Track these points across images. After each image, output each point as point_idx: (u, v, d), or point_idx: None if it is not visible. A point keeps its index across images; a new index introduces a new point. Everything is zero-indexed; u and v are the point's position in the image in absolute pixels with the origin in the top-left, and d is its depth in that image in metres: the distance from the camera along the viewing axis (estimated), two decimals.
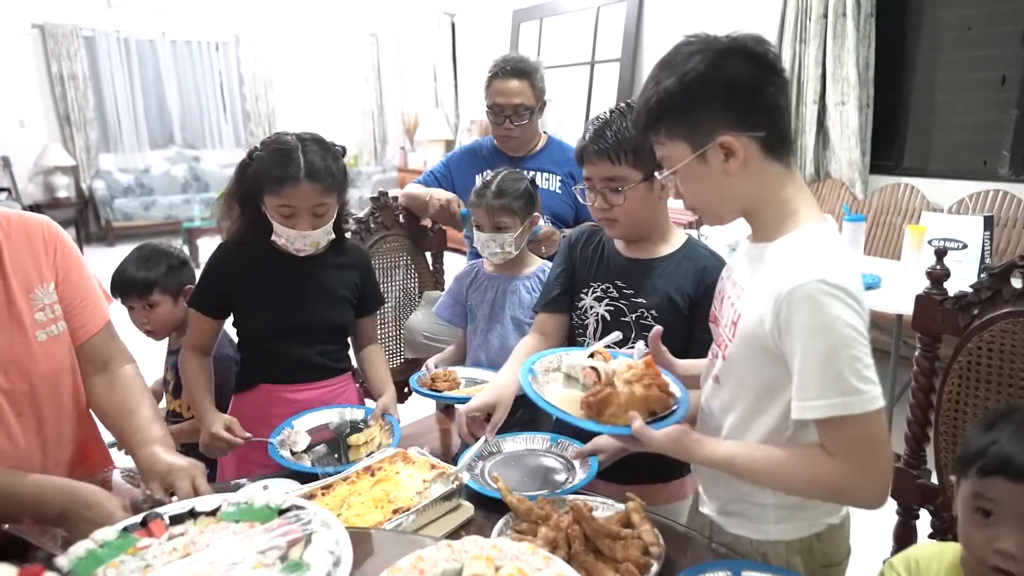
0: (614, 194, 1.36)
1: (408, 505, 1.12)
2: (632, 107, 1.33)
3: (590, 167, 1.38)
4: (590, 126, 1.39)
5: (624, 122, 1.34)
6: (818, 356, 0.89)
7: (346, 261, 1.69)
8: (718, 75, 0.95)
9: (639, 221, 1.41)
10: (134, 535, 0.89)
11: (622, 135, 1.33)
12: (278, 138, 1.55)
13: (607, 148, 1.34)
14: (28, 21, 7.54)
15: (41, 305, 1.18)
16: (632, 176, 1.35)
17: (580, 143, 1.40)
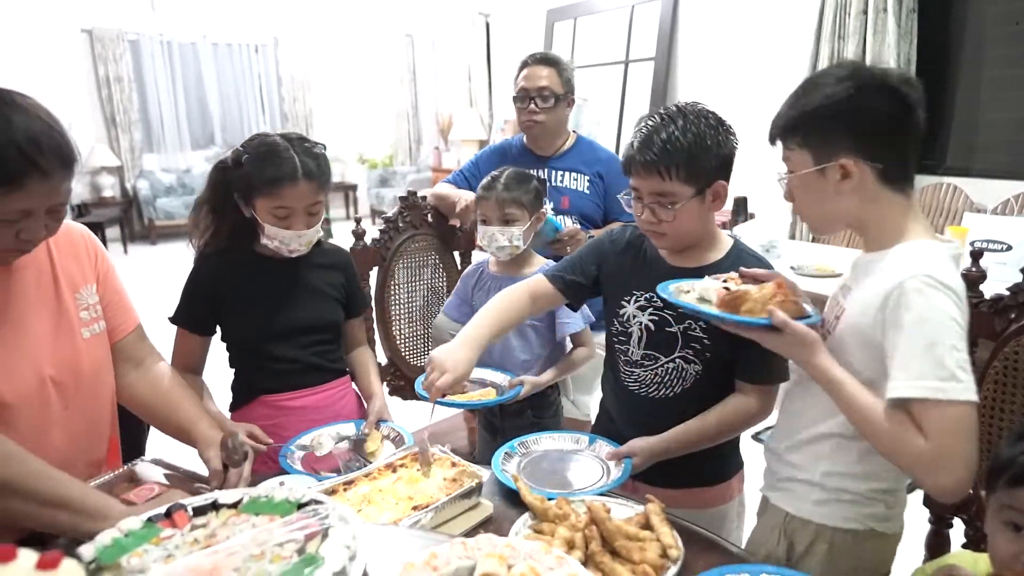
0: (663, 210, 1.29)
1: (427, 502, 1.13)
2: (682, 111, 1.28)
3: (638, 179, 1.31)
4: (637, 132, 1.30)
5: (674, 130, 1.25)
6: (922, 342, 0.95)
7: (328, 262, 1.68)
8: (857, 105, 1.04)
9: (688, 234, 1.34)
10: (158, 525, 0.91)
11: (672, 146, 1.24)
12: (264, 140, 1.52)
13: (655, 161, 1.25)
14: (78, 26, 7.80)
15: (85, 305, 1.25)
16: (683, 192, 1.27)
17: (627, 152, 1.32)
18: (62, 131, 1.07)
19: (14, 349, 1.13)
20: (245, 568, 0.82)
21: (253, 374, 1.63)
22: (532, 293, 1.48)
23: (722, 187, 1.31)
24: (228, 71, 8.98)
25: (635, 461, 1.31)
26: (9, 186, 1.02)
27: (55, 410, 1.19)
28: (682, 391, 1.38)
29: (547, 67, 2.17)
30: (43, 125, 1.04)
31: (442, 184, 2.35)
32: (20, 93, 1.07)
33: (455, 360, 1.30)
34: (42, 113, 1.06)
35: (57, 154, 1.05)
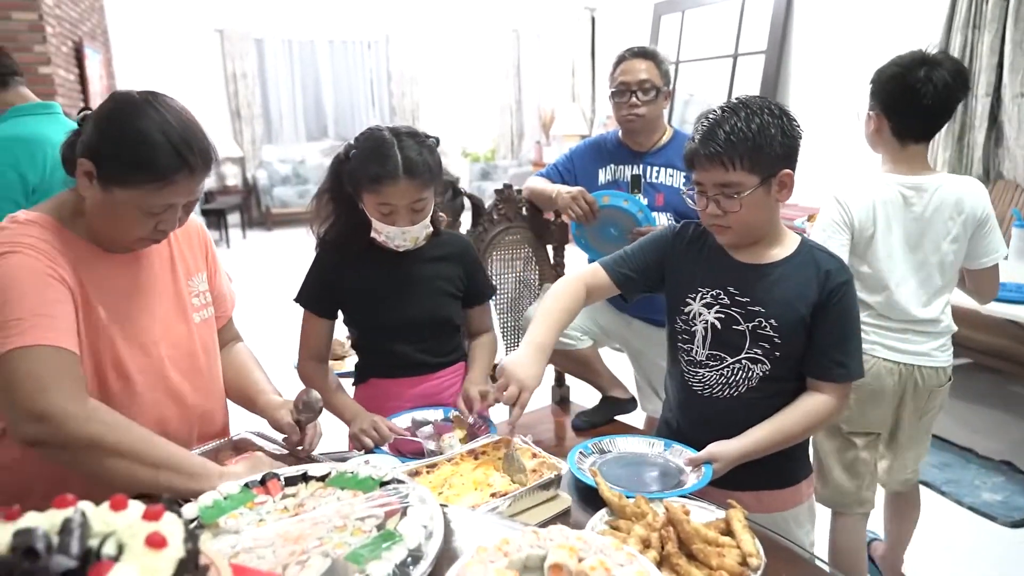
0: (728, 200, 1.26)
1: (506, 490, 1.15)
2: (745, 103, 1.25)
3: (700, 172, 1.29)
4: (699, 126, 1.29)
5: (736, 121, 1.23)
6: None
7: (444, 253, 1.65)
8: None
9: (753, 227, 1.32)
10: (253, 491, 0.98)
11: (736, 136, 1.23)
12: (371, 135, 1.52)
13: (719, 152, 1.23)
14: (211, 26, 8.40)
15: (196, 292, 1.35)
16: (748, 182, 1.24)
17: (689, 145, 1.31)
18: (205, 133, 1.17)
19: (139, 329, 1.23)
20: (328, 538, 0.87)
21: (366, 357, 1.69)
22: (588, 285, 1.47)
23: (788, 176, 1.28)
24: (342, 67, 9.38)
25: (716, 467, 1.27)
26: (162, 181, 1.11)
27: (174, 386, 1.29)
28: (748, 391, 1.35)
29: (645, 60, 2.13)
30: (191, 125, 1.14)
31: (535, 178, 2.36)
32: (169, 96, 1.17)
33: (529, 374, 1.30)
34: (187, 114, 1.16)
35: (204, 154, 1.14)
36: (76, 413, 1.03)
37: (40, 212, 1.17)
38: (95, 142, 1.11)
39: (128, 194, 1.11)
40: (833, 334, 1.31)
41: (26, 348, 1.02)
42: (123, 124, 1.11)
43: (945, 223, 1.71)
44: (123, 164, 1.10)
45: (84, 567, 0.55)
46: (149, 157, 1.10)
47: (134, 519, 0.61)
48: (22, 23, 4.50)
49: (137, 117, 1.11)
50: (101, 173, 1.11)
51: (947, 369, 1.80)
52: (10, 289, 1.05)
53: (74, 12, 5.53)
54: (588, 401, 2.28)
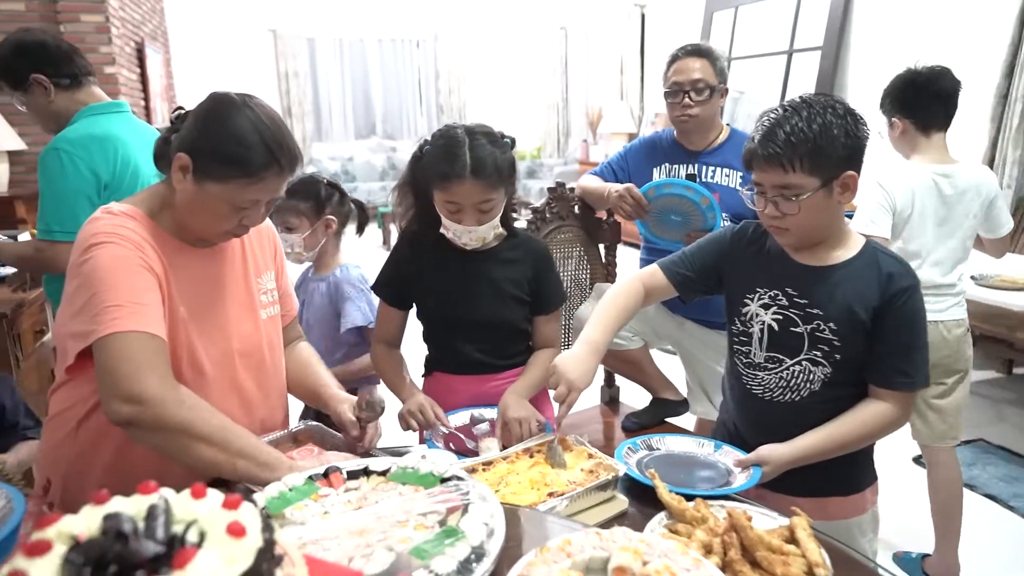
0: (787, 203, 1.23)
1: (563, 490, 1.14)
2: (807, 102, 1.22)
3: (759, 173, 1.26)
4: (759, 126, 1.26)
5: (798, 121, 1.20)
6: None
7: (517, 256, 1.64)
8: None
9: (813, 229, 1.28)
10: (317, 484, 1.00)
11: (797, 137, 1.19)
12: (446, 132, 1.52)
13: (778, 154, 1.20)
14: (265, 27, 8.59)
15: (264, 289, 1.39)
16: (808, 184, 1.21)
17: (748, 146, 1.28)
18: (291, 134, 1.21)
19: (213, 323, 1.27)
20: (391, 533, 0.87)
21: (432, 351, 1.71)
22: (646, 286, 1.46)
23: (851, 178, 1.24)
24: (391, 66, 9.50)
25: (765, 470, 1.25)
26: (253, 178, 1.15)
27: (240, 380, 1.32)
28: (809, 395, 1.32)
29: (699, 59, 2.08)
30: (284, 129, 1.19)
31: (588, 176, 2.34)
32: (260, 99, 1.21)
33: (580, 372, 1.29)
34: (277, 117, 1.20)
35: (292, 155, 1.19)
36: (170, 397, 1.08)
37: (131, 205, 1.22)
38: (193, 138, 1.16)
39: (220, 188, 1.16)
40: (896, 341, 1.27)
41: (123, 333, 1.07)
42: (221, 122, 1.15)
43: (968, 204, 2.02)
44: (219, 160, 1.14)
45: (170, 552, 0.57)
46: (244, 155, 1.14)
47: (214, 508, 0.63)
48: (90, 25, 4.67)
49: (234, 116, 1.15)
50: (197, 167, 1.15)
51: (964, 320, 2.08)
52: (106, 278, 1.10)
53: (137, 14, 5.71)
54: (638, 402, 2.26)
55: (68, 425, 1.22)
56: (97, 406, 1.15)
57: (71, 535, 0.58)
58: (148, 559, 0.56)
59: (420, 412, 1.51)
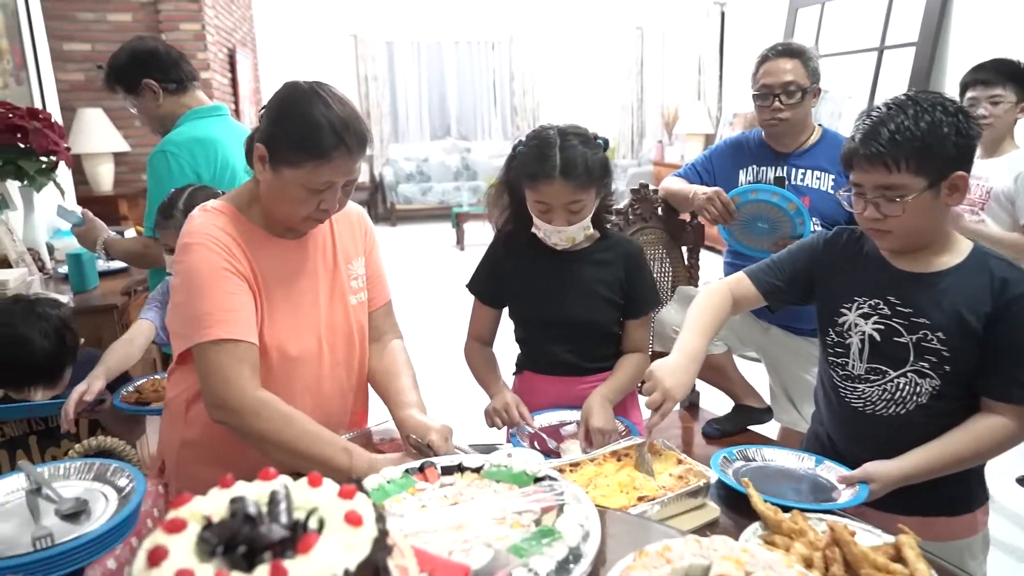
0: (890, 204, 1.18)
1: (653, 495, 1.13)
2: (915, 100, 1.16)
3: (860, 173, 1.21)
4: (861, 124, 1.21)
5: (904, 119, 1.14)
6: None
7: (609, 257, 1.62)
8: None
9: (918, 233, 1.22)
10: (414, 477, 1.02)
11: (902, 135, 1.14)
12: (539, 132, 1.54)
13: (882, 153, 1.15)
14: (347, 31, 8.85)
15: (354, 275, 1.42)
16: (914, 185, 1.16)
17: (848, 145, 1.23)
18: (360, 116, 1.25)
19: (300, 310, 1.32)
20: (488, 530, 0.89)
21: (523, 350, 1.72)
22: (734, 294, 1.43)
23: (961, 179, 1.18)
24: (467, 68, 9.62)
25: (872, 487, 1.20)
26: (322, 159, 1.18)
27: (326, 366, 1.36)
28: (916, 408, 1.26)
29: (791, 59, 2.01)
30: (350, 110, 1.22)
31: (672, 178, 2.31)
32: (331, 85, 1.26)
33: (677, 382, 1.27)
34: (347, 101, 1.24)
35: (359, 135, 1.22)
36: (249, 409, 1.17)
37: (224, 201, 1.30)
38: (267, 128, 1.22)
39: (294, 173, 1.20)
40: (1013, 351, 1.20)
41: (212, 343, 1.17)
42: (290, 108, 1.20)
43: None
44: (290, 145, 1.19)
45: (293, 537, 0.60)
46: (312, 137, 1.17)
47: (331, 496, 0.65)
48: (188, 33, 4.93)
49: (302, 102, 1.20)
50: (272, 155, 1.21)
51: None
52: (197, 284, 1.19)
53: (229, 22, 5.99)
54: (718, 408, 2.21)
55: (180, 408, 1.31)
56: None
57: (203, 515, 0.62)
58: (274, 542, 0.59)
59: (505, 411, 1.52)
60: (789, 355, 2.12)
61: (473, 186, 8.95)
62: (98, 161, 4.63)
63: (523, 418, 1.51)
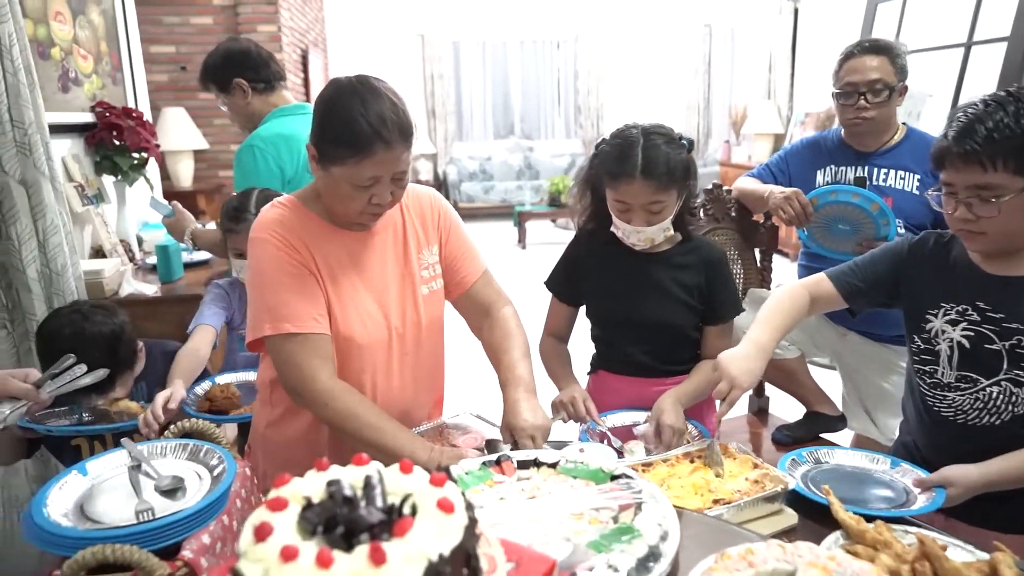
0: (984, 205, 1.14)
1: (729, 498, 1.12)
2: (1016, 96, 1.11)
3: (952, 172, 1.17)
4: (954, 122, 1.17)
5: (1003, 116, 1.10)
6: None
7: (689, 260, 1.60)
8: None
9: (1012, 235, 1.17)
10: (491, 470, 1.04)
11: (1001, 133, 1.10)
12: (622, 131, 1.52)
13: (977, 151, 1.11)
14: (415, 31, 9.00)
15: (426, 264, 1.42)
16: (1011, 185, 1.11)
17: (940, 143, 1.19)
18: (404, 109, 1.25)
19: (368, 300, 1.34)
20: (566, 524, 0.89)
21: (598, 349, 1.72)
22: (812, 294, 1.39)
23: None
24: (531, 67, 9.65)
25: (950, 492, 1.15)
26: (362, 154, 1.18)
27: (397, 357, 1.38)
28: (1012, 418, 1.21)
29: (877, 56, 1.94)
30: (390, 104, 1.22)
31: (746, 178, 2.26)
32: (377, 78, 1.27)
33: (743, 369, 1.25)
34: (391, 94, 1.24)
35: (398, 127, 1.20)
36: (320, 400, 1.23)
37: (292, 195, 1.35)
38: (315, 128, 1.24)
39: (340, 170, 1.21)
40: None
41: (282, 336, 1.23)
42: (330, 107, 1.22)
43: None
44: (332, 143, 1.20)
45: (389, 520, 0.62)
46: (350, 133, 1.18)
47: (423, 483, 0.67)
48: (265, 35, 5.11)
49: (342, 100, 1.21)
50: (320, 154, 1.23)
51: None
52: (264, 279, 1.25)
53: (303, 23, 6.17)
54: (788, 414, 2.16)
55: (266, 391, 1.37)
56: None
57: (304, 495, 0.65)
58: (372, 524, 0.61)
59: (571, 404, 1.52)
60: (867, 362, 2.05)
61: (535, 185, 8.97)
62: (179, 158, 4.85)
63: (589, 413, 1.51)
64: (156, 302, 2.31)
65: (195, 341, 1.72)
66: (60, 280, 1.90)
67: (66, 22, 2.48)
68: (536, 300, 1.78)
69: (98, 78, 2.70)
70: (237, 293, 1.89)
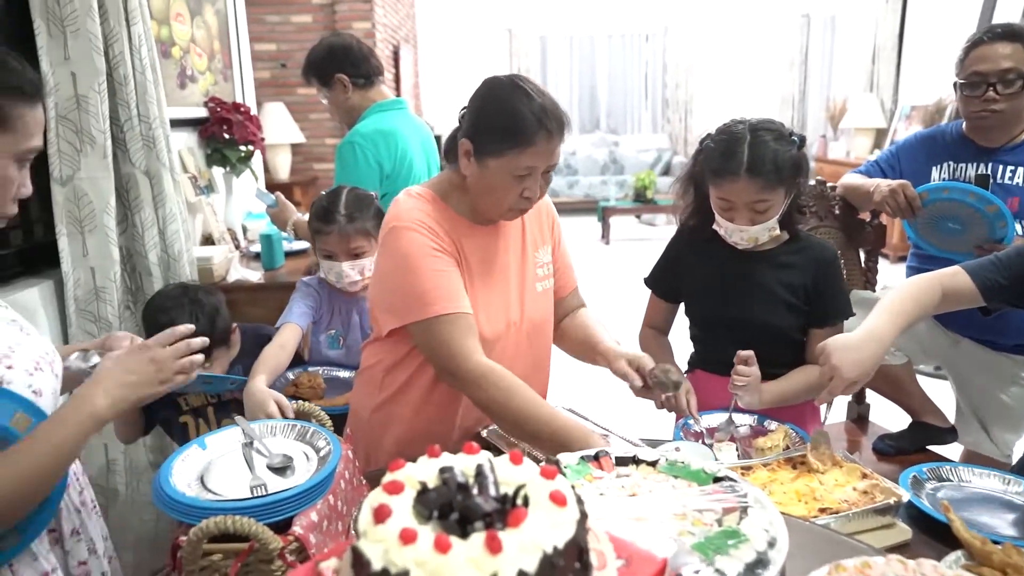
0: None
1: (836, 507, 1.07)
2: None
3: None
4: None
5: None
6: None
7: (796, 260, 1.53)
8: None
9: None
10: (590, 465, 1.03)
11: None
12: (728, 127, 1.49)
13: None
14: (503, 26, 9.07)
15: (540, 263, 1.47)
16: None
17: None
18: (558, 104, 1.29)
19: (494, 294, 1.39)
20: (669, 524, 0.88)
21: (697, 347, 1.69)
22: (944, 288, 1.28)
23: None
24: (619, 60, 9.54)
25: None
26: (525, 144, 1.23)
27: (514, 350, 1.42)
28: None
29: (1010, 43, 1.80)
30: (549, 98, 1.27)
31: (852, 174, 2.16)
32: (528, 77, 1.31)
33: (849, 359, 1.17)
34: (545, 91, 1.29)
35: (559, 121, 1.26)
36: (471, 380, 1.26)
37: (426, 187, 1.39)
38: (471, 123, 1.29)
39: (498, 162, 1.26)
40: None
41: (434, 319, 1.26)
42: (492, 100, 1.27)
43: None
44: (493, 135, 1.25)
45: (502, 510, 0.63)
46: (513, 124, 1.24)
47: (534, 475, 0.68)
48: (360, 31, 5.26)
49: (503, 93, 1.26)
50: (476, 148, 1.27)
51: None
52: (412, 265, 1.28)
53: (395, 19, 6.32)
54: (890, 422, 2.05)
55: (377, 376, 1.42)
56: (401, 362, 1.36)
57: (419, 480, 0.66)
58: (486, 513, 0.62)
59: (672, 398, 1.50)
60: (983, 372, 1.92)
61: (620, 180, 8.86)
62: (277, 151, 5.06)
63: (689, 408, 1.48)
64: (259, 288, 2.43)
65: (282, 338, 1.73)
66: (176, 265, 2.03)
67: (185, 22, 2.63)
68: (619, 297, 1.77)
69: (211, 75, 2.85)
70: (327, 292, 1.88)
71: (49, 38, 1.76)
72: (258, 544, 0.89)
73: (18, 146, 0.95)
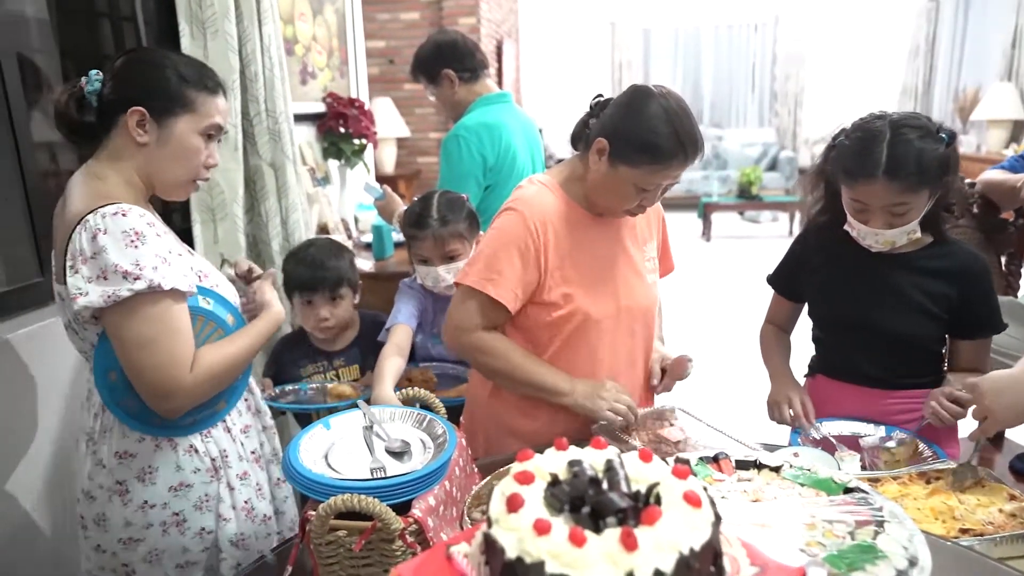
0: None
1: (980, 529, 0.99)
2: None
3: None
4: None
5: None
6: None
7: (941, 266, 1.41)
8: None
9: None
10: (709, 467, 1.01)
11: None
12: (865, 123, 1.36)
13: None
14: (606, 20, 8.98)
15: (648, 256, 1.49)
16: None
17: None
18: (697, 124, 1.28)
19: (605, 280, 1.41)
20: (797, 534, 0.84)
21: (820, 351, 1.59)
22: None
23: None
24: (725, 52, 9.23)
25: None
26: (662, 164, 1.25)
27: (621, 333, 1.44)
28: None
29: None
30: (692, 120, 1.27)
31: (993, 170, 2.00)
32: (672, 91, 1.29)
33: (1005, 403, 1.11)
34: (689, 111, 1.28)
35: (696, 145, 1.27)
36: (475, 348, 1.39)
37: (550, 176, 1.42)
38: (613, 125, 1.29)
39: (630, 172, 1.27)
40: None
41: (479, 291, 1.34)
42: (638, 112, 1.26)
43: None
44: (633, 146, 1.26)
45: (635, 507, 0.62)
46: (656, 143, 1.24)
47: (666, 473, 0.66)
48: (465, 27, 5.34)
49: (650, 107, 1.25)
50: (613, 151, 1.28)
51: None
52: (501, 241, 1.34)
53: (498, 15, 6.38)
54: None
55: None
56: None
57: (549, 472, 0.66)
58: (620, 509, 0.61)
59: (788, 403, 1.46)
60: None
61: (723, 175, 8.57)
62: (384, 144, 5.22)
63: (807, 416, 1.42)
64: (371, 277, 2.52)
65: (396, 339, 1.73)
66: None
67: (307, 21, 2.76)
68: (720, 298, 1.72)
69: (329, 71, 2.98)
70: (431, 296, 1.85)
71: (192, 39, 1.89)
72: (381, 524, 0.92)
73: (200, 123, 1.22)
